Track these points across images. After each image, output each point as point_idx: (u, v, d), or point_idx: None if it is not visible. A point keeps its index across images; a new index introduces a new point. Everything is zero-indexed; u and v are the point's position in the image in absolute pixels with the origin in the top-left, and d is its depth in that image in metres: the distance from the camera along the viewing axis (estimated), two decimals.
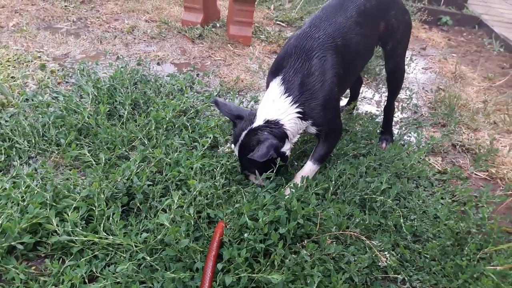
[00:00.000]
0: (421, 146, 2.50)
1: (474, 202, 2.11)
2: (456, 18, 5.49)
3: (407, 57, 2.69)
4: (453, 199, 2.13)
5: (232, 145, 1.99)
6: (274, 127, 1.81)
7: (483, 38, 5.18)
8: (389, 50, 2.26)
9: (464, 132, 2.82)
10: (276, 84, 1.84)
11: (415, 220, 1.90)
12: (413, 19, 4.97)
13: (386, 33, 2.15)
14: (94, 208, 1.61)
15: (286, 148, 1.88)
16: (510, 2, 6.91)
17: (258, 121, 1.82)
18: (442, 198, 2.11)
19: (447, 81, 3.68)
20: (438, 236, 1.84)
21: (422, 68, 3.93)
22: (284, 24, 4.36)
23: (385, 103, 2.57)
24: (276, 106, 1.82)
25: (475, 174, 2.48)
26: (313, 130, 1.93)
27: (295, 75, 1.82)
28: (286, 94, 1.81)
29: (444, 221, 1.86)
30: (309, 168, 1.99)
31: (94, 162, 1.91)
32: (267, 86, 1.94)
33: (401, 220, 1.85)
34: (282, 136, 1.83)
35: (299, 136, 1.94)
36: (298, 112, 1.83)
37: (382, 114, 2.60)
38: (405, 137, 2.66)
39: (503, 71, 4.18)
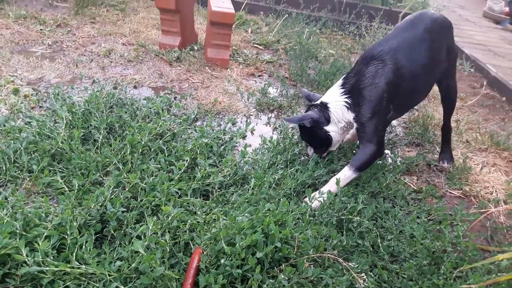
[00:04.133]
0: (396, 166, 2.53)
1: (449, 220, 2.14)
2: None
3: None
4: (428, 217, 2.16)
5: None
6: (322, 108, 2.28)
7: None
8: (446, 70, 2.43)
9: (438, 151, 2.88)
10: (340, 80, 2.29)
11: (392, 240, 1.92)
12: None
13: (446, 55, 2.35)
14: (66, 237, 1.56)
15: (331, 129, 2.29)
16: (478, 25, 7.21)
17: (317, 102, 2.33)
18: (418, 217, 2.13)
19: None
20: (415, 255, 1.85)
21: None
22: (261, 47, 4.43)
23: (442, 123, 2.74)
24: (331, 94, 2.28)
25: (450, 193, 2.53)
26: (354, 125, 2.23)
27: (353, 76, 2.20)
28: (341, 87, 2.24)
29: (420, 241, 1.88)
30: (343, 173, 2.16)
31: (67, 189, 1.87)
32: None
33: (378, 240, 1.86)
34: (326, 117, 2.26)
35: (345, 124, 2.26)
36: (345, 102, 2.20)
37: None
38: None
39: (474, 91, 4.32)
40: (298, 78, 3.69)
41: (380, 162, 2.58)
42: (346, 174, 2.14)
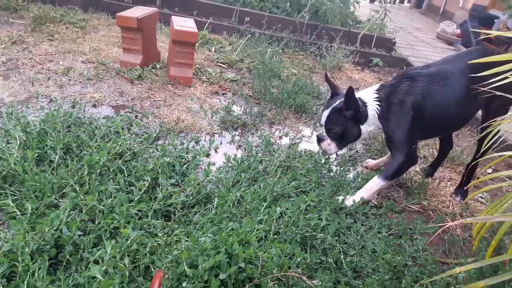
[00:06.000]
0: (357, 182, 2.58)
1: (409, 234, 2.20)
2: (386, 59, 5.91)
3: None
4: (389, 232, 2.21)
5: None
6: (363, 104, 2.38)
7: None
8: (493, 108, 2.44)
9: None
10: (377, 85, 2.47)
11: (355, 255, 1.94)
12: (346, 61, 5.29)
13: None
14: (17, 264, 1.47)
15: (364, 129, 2.42)
16: (432, 45, 7.58)
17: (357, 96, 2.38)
18: (379, 232, 2.17)
19: None
20: (377, 270, 1.88)
21: None
22: (225, 66, 4.45)
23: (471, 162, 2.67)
24: (367, 95, 2.42)
25: (409, 207, 2.60)
26: (384, 135, 2.42)
27: (389, 87, 2.39)
28: (376, 92, 2.41)
29: (382, 255, 1.91)
30: (373, 181, 2.37)
31: (19, 213, 1.77)
32: None
33: (341, 257, 1.87)
34: (365, 115, 2.38)
35: (374, 128, 2.45)
36: (377, 108, 2.36)
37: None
38: (343, 173, 2.74)
39: None
40: (262, 96, 3.73)
41: (342, 178, 2.62)
42: (375, 181, 2.36)
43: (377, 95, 2.38)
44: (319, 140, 2.53)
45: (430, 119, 2.35)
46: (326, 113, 2.43)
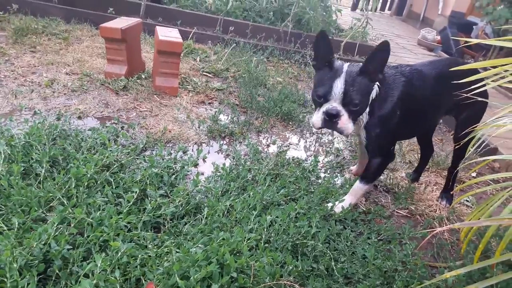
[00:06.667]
0: (345, 188, 2.60)
1: (398, 239, 2.22)
2: None
3: None
4: (378, 238, 2.23)
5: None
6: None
7: None
8: (462, 119, 2.50)
9: (383, 173, 2.99)
10: None
11: (345, 262, 1.95)
12: None
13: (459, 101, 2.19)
14: (5, 280, 1.44)
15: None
16: (414, 52, 7.73)
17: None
18: (368, 238, 2.19)
19: None
20: (368, 276, 1.89)
21: None
22: (211, 75, 4.46)
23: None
24: None
25: (397, 212, 2.63)
26: (363, 134, 2.24)
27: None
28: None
29: (372, 261, 1.93)
30: (356, 186, 2.37)
31: (5, 228, 1.73)
32: None
33: (332, 263, 1.88)
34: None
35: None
36: (376, 91, 2.12)
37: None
38: (331, 180, 2.76)
39: None
40: (248, 105, 3.74)
41: (330, 185, 2.64)
42: (358, 186, 2.36)
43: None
44: (333, 116, 1.95)
45: (410, 118, 2.30)
46: (341, 80, 1.92)
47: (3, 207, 1.88)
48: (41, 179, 2.09)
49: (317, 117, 2.00)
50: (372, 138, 2.22)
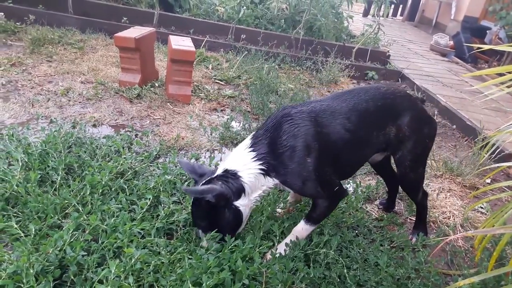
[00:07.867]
0: (357, 195, 2.60)
1: (411, 247, 2.20)
2: (381, 72, 5.98)
3: None
4: (391, 245, 2.21)
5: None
6: (228, 178, 1.79)
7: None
8: (398, 158, 2.10)
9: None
10: (247, 139, 1.89)
11: (358, 269, 1.94)
12: (342, 74, 5.36)
13: (395, 139, 2.01)
14: (22, 286, 1.48)
15: (242, 203, 1.79)
16: (426, 57, 7.68)
17: (218, 171, 1.83)
18: (381, 245, 2.18)
19: None
20: (380, 283, 1.87)
21: None
22: (223, 83, 4.50)
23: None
24: (238, 159, 1.84)
25: (410, 219, 2.61)
26: (286, 188, 1.91)
27: (264, 134, 1.84)
28: (251, 149, 1.83)
29: (385, 269, 1.92)
30: (301, 227, 1.95)
31: (22, 234, 1.78)
32: None
33: (345, 271, 1.87)
34: (237, 189, 1.77)
35: (261, 193, 1.86)
36: (260, 168, 1.80)
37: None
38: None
39: None
40: (260, 111, 3.76)
41: None
42: (303, 227, 1.95)
43: (254, 153, 1.82)
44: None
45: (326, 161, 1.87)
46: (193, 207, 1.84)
47: (20, 213, 1.93)
48: (57, 186, 2.13)
49: None
50: (301, 189, 1.87)
